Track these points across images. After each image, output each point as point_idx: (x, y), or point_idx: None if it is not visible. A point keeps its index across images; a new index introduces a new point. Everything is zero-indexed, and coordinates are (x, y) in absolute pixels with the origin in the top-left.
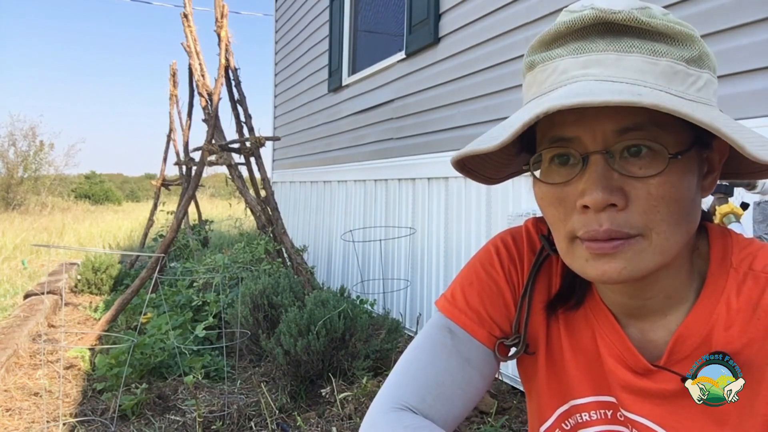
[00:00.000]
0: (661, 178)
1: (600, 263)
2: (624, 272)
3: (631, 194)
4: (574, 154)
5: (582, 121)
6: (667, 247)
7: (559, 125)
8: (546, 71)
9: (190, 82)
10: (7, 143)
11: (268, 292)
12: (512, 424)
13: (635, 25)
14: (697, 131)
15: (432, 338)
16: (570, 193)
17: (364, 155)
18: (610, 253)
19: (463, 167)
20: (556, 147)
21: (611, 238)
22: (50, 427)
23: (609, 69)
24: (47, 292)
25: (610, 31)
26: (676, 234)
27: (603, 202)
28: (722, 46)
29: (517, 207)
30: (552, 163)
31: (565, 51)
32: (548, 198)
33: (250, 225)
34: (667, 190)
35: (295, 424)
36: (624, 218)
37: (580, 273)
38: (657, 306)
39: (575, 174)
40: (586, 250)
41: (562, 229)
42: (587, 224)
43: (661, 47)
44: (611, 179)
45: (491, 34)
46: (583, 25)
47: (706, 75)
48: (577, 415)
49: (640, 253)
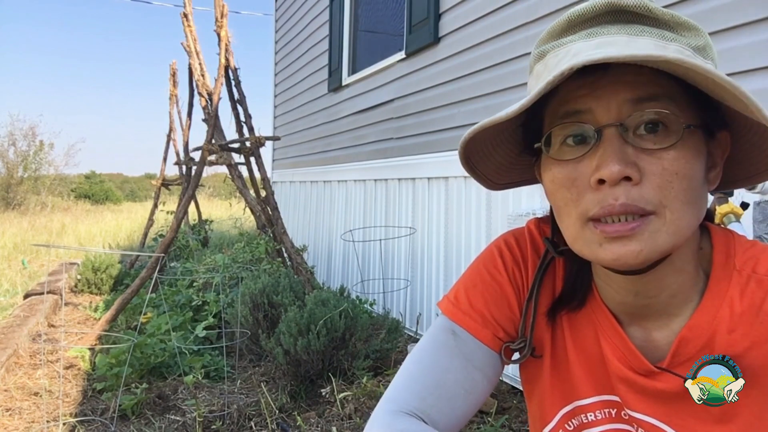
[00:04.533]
0: (675, 153)
1: (615, 246)
2: (641, 255)
3: (646, 169)
4: (587, 129)
5: (595, 93)
6: (680, 227)
7: (571, 99)
8: (558, 56)
9: (190, 81)
10: (7, 143)
11: (268, 292)
12: (512, 424)
13: (645, 13)
14: (705, 116)
15: (435, 340)
16: (583, 171)
17: (364, 155)
18: (627, 235)
19: (467, 161)
20: (568, 122)
21: (627, 212)
22: (50, 426)
23: (622, 48)
24: (47, 291)
25: (621, 18)
26: (688, 214)
27: (619, 174)
28: (722, 46)
29: (517, 207)
30: (563, 145)
31: (577, 37)
32: (560, 179)
33: (250, 225)
34: (681, 166)
35: (295, 424)
36: (639, 193)
37: (591, 258)
38: (661, 305)
39: (588, 149)
40: (600, 234)
41: (573, 211)
42: (602, 200)
43: (670, 34)
44: (626, 153)
45: (491, 34)
46: (594, 13)
47: (711, 66)
48: (581, 416)
49: (655, 233)
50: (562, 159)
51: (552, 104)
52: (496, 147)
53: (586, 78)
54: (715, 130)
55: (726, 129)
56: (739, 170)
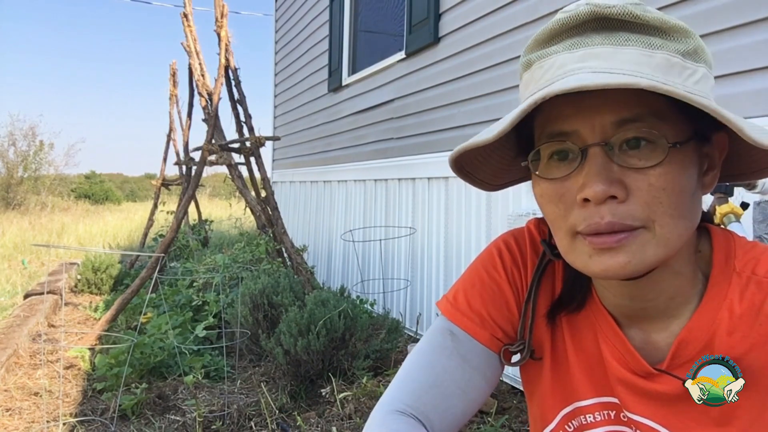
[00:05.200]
0: (661, 169)
1: (604, 258)
2: (628, 266)
3: (632, 186)
4: (573, 148)
5: (580, 114)
6: (670, 240)
7: (557, 119)
8: (543, 68)
9: (190, 81)
10: (7, 143)
11: (268, 292)
12: (512, 424)
13: (630, 20)
14: (696, 124)
15: (433, 341)
16: (570, 188)
17: (364, 155)
18: (614, 247)
19: (461, 169)
20: (554, 142)
21: (614, 231)
22: (50, 426)
23: (606, 61)
24: (47, 291)
25: (606, 26)
26: (679, 226)
27: (603, 194)
28: (722, 46)
29: (518, 207)
30: (551, 160)
31: (562, 47)
32: (548, 195)
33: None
34: (668, 181)
35: (295, 424)
36: (626, 210)
37: (583, 270)
38: (659, 308)
39: (574, 168)
40: (588, 245)
41: (563, 225)
42: (588, 218)
43: (657, 41)
44: (611, 171)
45: (491, 34)
46: (578, 21)
47: (702, 69)
48: (581, 417)
49: (643, 245)
50: (549, 177)
51: (539, 118)
52: (490, 154)
53: (572, 96)
54: (710, 134)
55: (722, 129)
56: (741, 164)
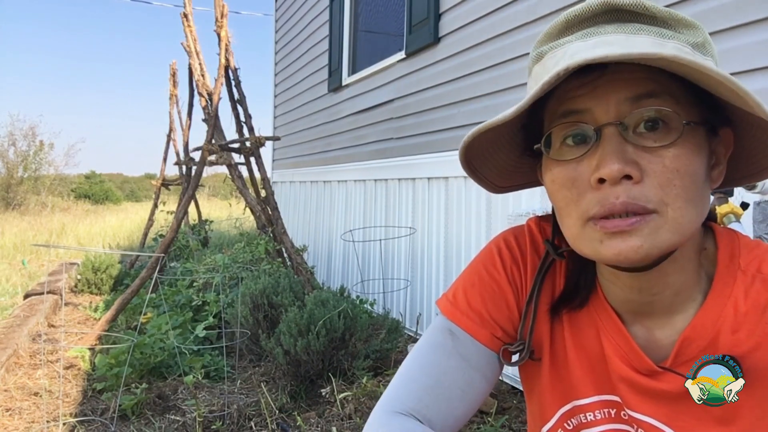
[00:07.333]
0: (675, 150)
1: (616, 241)
2: (641, 250)
3: (647, 168)
4: (586, 129)
5: (594, 93)
6: (682, 225)
7: (570, 99)
8: (555, 57)
9: (190, 81)
10: (7, 143)
11: (268, 292)
12: (512, 424)
13: (642, 11)
14: (706, 114)
15: (433, 341)
16: (583, 171)
17: (364, 155)
18: (626, 230)
19: (468, 165)
20: (567, 122)
21: (628, 211)
22: (50, 426)
23: (620, 47)
24: (47, 291)
25: (618, 17)
26: (691, 212)
27: (619, 173)
28: (722, 46)
29: (518, 207)
30: (563, 144)
31: (574, 37)
32: (560, 180)
33: (250, 225)
34: (681, 163)
35: (295, 424)
36: (640, 191)
37: (593, 256)
38: (664, 303)
39: (588, 149)
40: (600, 230)
41: (574, 211)
42: (603, 199)
43: (668, 32)
44: (626, 152)
45: (491, 34)
46: (591, 13)
47: (711, 62)
48: (580, 415)
49: (656, 230)
50: (562, 159)
51: (551, 105)
52: (498, 150)
53: (585, 77)
54: (718, 127)
55: (729, 126)
56: (743, 167)
